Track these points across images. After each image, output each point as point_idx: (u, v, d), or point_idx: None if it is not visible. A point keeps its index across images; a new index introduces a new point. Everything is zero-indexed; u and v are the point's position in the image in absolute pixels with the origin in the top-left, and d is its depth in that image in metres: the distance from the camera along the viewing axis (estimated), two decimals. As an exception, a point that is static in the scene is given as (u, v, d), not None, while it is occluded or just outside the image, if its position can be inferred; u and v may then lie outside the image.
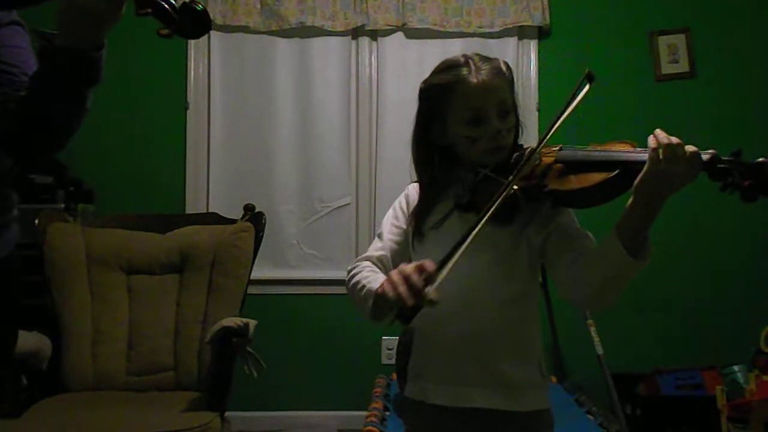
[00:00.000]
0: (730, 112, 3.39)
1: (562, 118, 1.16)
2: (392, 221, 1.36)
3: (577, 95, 1.16)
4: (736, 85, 3.41)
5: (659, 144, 1.00)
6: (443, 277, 1.04)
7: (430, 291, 1.01)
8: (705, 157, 1.01)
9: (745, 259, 3.37)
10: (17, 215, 1.33)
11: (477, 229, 1.09)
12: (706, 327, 3.34)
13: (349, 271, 1.29)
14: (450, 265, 1.05)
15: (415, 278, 1.02)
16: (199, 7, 1.09)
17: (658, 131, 1.02)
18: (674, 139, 1.01)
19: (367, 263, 1.29)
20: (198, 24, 1.10)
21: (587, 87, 1.17)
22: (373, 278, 1.20)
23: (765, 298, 3.29)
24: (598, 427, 2.46)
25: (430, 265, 1.03)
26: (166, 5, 1.07)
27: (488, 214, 1.11)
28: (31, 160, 1.24)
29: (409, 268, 1.04)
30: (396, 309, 1.03)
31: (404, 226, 1.34)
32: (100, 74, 1.11)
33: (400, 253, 1.34)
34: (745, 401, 2.73)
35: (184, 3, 1.10)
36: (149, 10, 1.07)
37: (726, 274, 3.37)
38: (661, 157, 1.00)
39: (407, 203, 1.36)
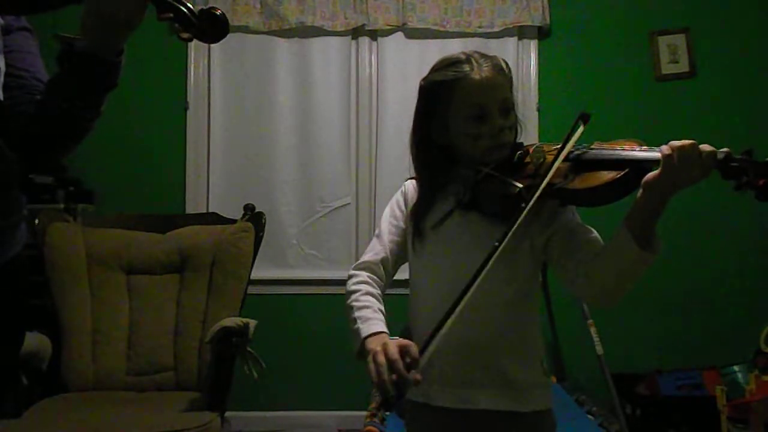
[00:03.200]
0: (730, 112, 3.39)
1: (559, 160, 1.15)
2: (390, 220, 1.35)
3: (572, 136, 1.16)
4: (736, 85, 3.41)
5: (672, 148, 1.00)
6: (428, 357, 1.06)
7: (414, 375, 1.03)
8: (719, 156, 1.01)
9: (746, 258, 3.36)
10: (26, 215, 1.34)
11: (473, 290, 1.09)
12: (706, 327, 3.34)
13: (349, 277, 1.29)
14: (436, 342, 1.07)
15: (399, 366, 1.03)
16: (218, 12, 1.12)
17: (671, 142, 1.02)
18: (687, 142, 1.00)
19: (366, 275, 1.28)
20: (216, 29, 1.13)
21: (581, 128, 1.16)
22: (365, 314, 1.21)
23: (765, 298, 3.29)
24: (598, 427, 2.46)
25: (413, 349, 1.05)
26: (185, 10, 1.10)
27: (487, 268, 1.10)
28: (43, 163, 1.26)
29: (393, 352, 1.05)
30: (380, 394, 1.05)
31: (403, 225, 1.34)
32: (118, 79, 1.13)
33: (400, 253, 1.34)
34: (745, 401, 2.73)
35: (203, 9, 1.12)
36: (171, 15, 1.10)
37: (726, 274, 3.37)
38: (675, 161, 1.00)
39: (405, 201, 1.36)
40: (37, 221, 2.57)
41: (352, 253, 3.45)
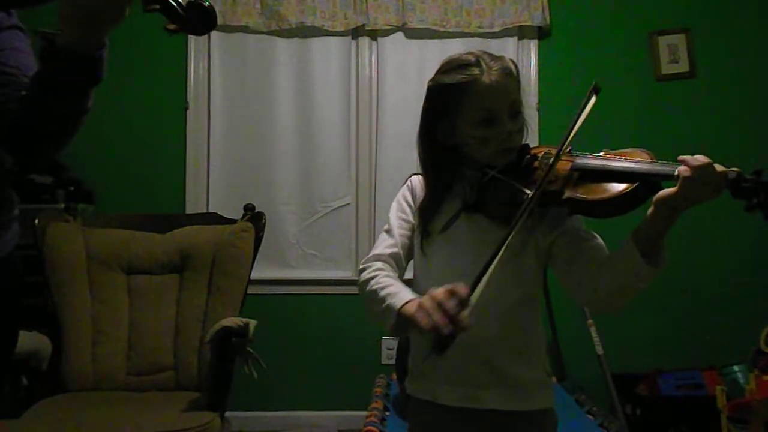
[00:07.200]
0: (730, 112, 3.40)
1: (573, 132, 1.16)
2: (399, 215, 1.33)
3: (586, 107, 1.16)
4: (736, 85, 3.41)
5: (690, 166, 1.00)
6: (475, 300, 1.03)
7: (464, 316, 0.99)
8: (730, 175, 1.01)
9: (745, 259, 3.37)
10: (18, 215, 1.34)
11: (504, 248, 1.08)
12: (706, 327, 3.34)
13: (362, 271, 1.27)
14: (480, 287, 1.04)
15: (450, 305, 1.00)
16: (206, 3, 1.10)
17: (686, 157, 1.02)
18: (703, 159, 1.00)
19: (380, 264, 1.26)
20: (204, 20, 1.11)
21: (594, 99, 1.17)
22: (392, 290, 1.18)
23: (765, 298, 3.29)
24: (598, 427, 2.46)
25: (462, 289, 1.02)
26: (173, 2, 1.08)
27: (513, 232, 1.10)
28: (32, 161, 1.24)
29: (440, 294, 1.02)
30: (432, 339, 1.01)
31: (412, 220, 1.33)
32: (102, 75, 1.11)
33: (410, 248, 1.32)
34: (745, 401, 2.73)
35: (190, 1, 1.10)
36: (157, 7, 1.08)
37: (726, 274, 3.37)
38: (694, 180, 0.99)
39: (413, 196, 1.35)
40: (37, 221, 2.56)
41: (352, 253, 3.45)
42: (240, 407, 3.02)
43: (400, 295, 1.15)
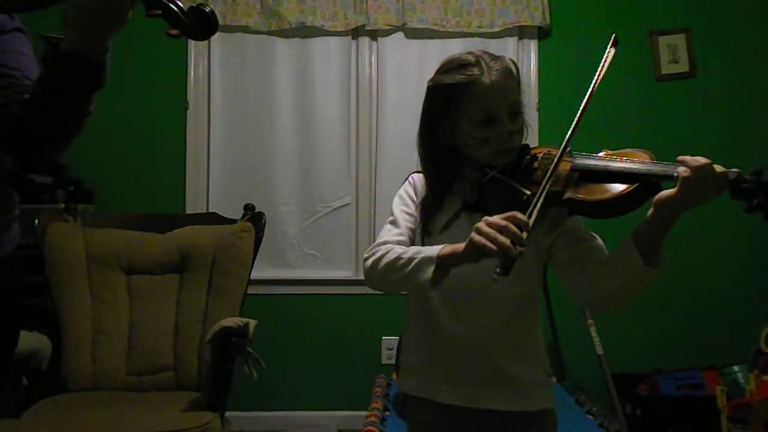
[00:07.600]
0: (730, 112, 3.40)
1: (593, 88, 1.18)
2: (403, 208, 1.32)
3: (606, 60, 1.17)
4: (735, 85, 3.41)
5: (690, 167, 1.00)
6: (532, 226, 1.04)
7: (526, 238, 1.01)
8: (730, 176, 1.01)
9: (745, 259, 3.36)
10: (18, 215, 1.34)
11: (550, 178, 1.10)
12: (706, 327, 3.34)
13: (368, 257, 1.23)
14: (534, 216, 1.05)
15: (513, 228, 1.00)
16: (207, 9, 1.12)
17: (686, 158, 1.02)
18: (702, 160, 1.00)
19: (390, 245, 1.23)
20: (205, 26, 1.12)
21: (613, 52, 1.19)
22: (418, 248, 1.16)
23: (765, 298, 3.29)
24: (598, 427, 2.46)
25: (520, 214, 1.02)
26: (174, 7, 1.10)
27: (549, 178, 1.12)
28: (33, 163, 1.24)
29: (500, 220, 1.02)
30: (500, 260, 1.00)
31: (415, 215, 1.32)
32: (105, 78, 1.12)
33: (414, 241, 1.31)
34: (745, 401, 2.73)
35: (192, 6, 1.11)
36: (159, 12, 1.10)
37: (726, 274, 3.37)
38: (693, 181, 0.99)
39: (415, 192, 1.34)
40: (37, 221, 2.56)
41: (352, 253, 3.45)
42: (240, 407, 3.01)
43: (429, 248, 1.14)
